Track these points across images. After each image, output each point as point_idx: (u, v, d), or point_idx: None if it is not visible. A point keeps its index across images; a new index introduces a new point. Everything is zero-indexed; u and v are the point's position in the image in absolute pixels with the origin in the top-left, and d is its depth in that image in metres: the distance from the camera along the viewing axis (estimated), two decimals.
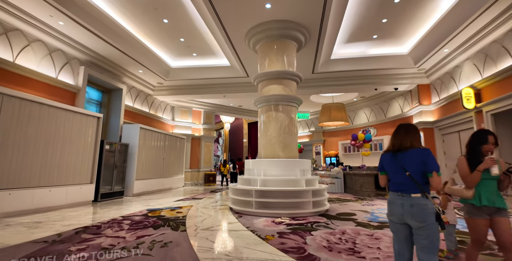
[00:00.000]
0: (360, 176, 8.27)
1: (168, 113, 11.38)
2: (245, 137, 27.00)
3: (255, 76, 5.88)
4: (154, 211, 5.23)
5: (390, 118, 10.65)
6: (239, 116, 14.22)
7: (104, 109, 8.31)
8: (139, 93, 9.40)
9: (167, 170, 9.70)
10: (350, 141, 8.63)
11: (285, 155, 5.33)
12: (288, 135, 5.45)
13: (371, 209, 5.71)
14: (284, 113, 5.52)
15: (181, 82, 9.47)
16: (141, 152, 8.17)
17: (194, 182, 11.96)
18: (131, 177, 7.78)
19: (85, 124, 6.26)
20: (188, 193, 8.57)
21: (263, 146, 5.54)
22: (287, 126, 5.48)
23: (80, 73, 6.88)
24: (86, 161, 6.20)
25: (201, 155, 12.27)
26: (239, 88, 9.52)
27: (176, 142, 10.49)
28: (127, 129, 8.13)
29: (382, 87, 9.31)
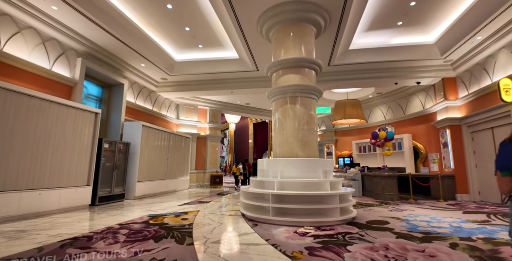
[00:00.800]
0: (382, 178, 7.55)
1: (172, 111, 10.81)
2: (250, 138, 26.42)
3: (269, 65, 5.23)
4: (157, 217, 4.60)
5: (410, 116, 9.90)
6: (246, 115, 13.60)
7: (104, 106, 7.75)
8: (141, 89, 8.83)
9: (171, 171, 9.10)
10: (370, 140, 7.92)
11: (304, 154, 4.66)
12: (307, 132, 4.78)
13: (402, 215, 5.00)
14: (303, 107, 4.86)
15: (186, 77, 8.88)
16: (144, 152, 7.58)
17: (200, 183, 11.35)
18: (133, 179, 7.19)
19: (82, 120, 5.68)
20: (194, 196, 7.94)
21: (279, 144, 4.88)
22: (306, 121, 4.81)
23: (77, 65, 6.33)
24: (82, 161, 5.62)
25: (207, 156, 11.65)
26: (247, 83, 8.88)
27: (181, 141, 9.89)
28: (129, 127, 7.55)
29: (403, 81, 8.59)
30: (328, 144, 13.26)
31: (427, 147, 9.25)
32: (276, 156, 4.94)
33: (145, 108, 8.86)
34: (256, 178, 4.93)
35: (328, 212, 4.16)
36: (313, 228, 3.77)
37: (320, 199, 4.32)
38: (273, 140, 5.09)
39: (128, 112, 8.11)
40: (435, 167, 8.81)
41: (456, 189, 7.79)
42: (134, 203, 6.49)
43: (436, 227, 4.06)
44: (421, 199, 7.83)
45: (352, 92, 10.62)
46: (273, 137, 5.11)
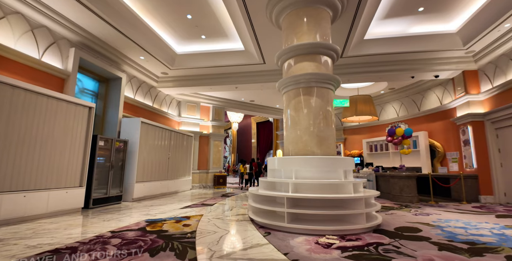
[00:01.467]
0: (400, 179, 6.97)
1: (174, 108, 10.30)
2: (253, 137, 25.94)
3: (280, 53, 4.69)
4: (155, 223, 4.08)
5: (426, 112, 9.31)
6: (250, 113, 13.06)
7: (101, 101, 7.25)
8: (141, 84, 8.33)
9: (172, 171, 8.59)
10: (386, 137, 7.35)
11: (321, 151, 4.12)
12: (324, 127, 4.23)
13: (431, 221, 4.44)
14: (319, 98, 4.31)
15: (188, 71, 8.37)
16: (143, 151, 7.07)
17: (203, 184, 10.82)
18: (131, 179, 6.67)
19: (74, 115, 5.17)
20: (197, 198, 7.41)
21: (292, 141, 4.33)
22: (323, 115, 4.26)
23: (70, 56, 5.83)
24: (74, 160, 5.11)
25: (210, 155, 11.13)
26: (253, 78, 8.34)
27: (182, 140, 9.37)
28: (127, 124, 7.05)
29: (420, 75, 8.00)
30: (336, 143, 12.66)
31: (445, 145, 8.65)
32: (288, 155, 4.39)
33: (145, 104, 8.35)
34: (266, 178, 4.39)
35: (351, 219, 3.61)
36: (336, 237, 3.22)
37: (342, 203, 3.77)
38: (285, 137, 4.54)
39: (127, 108, 7.61)
40: (454, 166, 8.22)
41: (479, 190, 7.20)
42: (131, 205, 5.97)
43: (477, 235, 3.50)
44: (441, 201, 7.25)
45: (363, 88, 10.04)
46: (285, 134, 4.57)
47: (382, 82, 9.53)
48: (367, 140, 11.24)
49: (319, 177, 3.90)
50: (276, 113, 13.37)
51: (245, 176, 11.32)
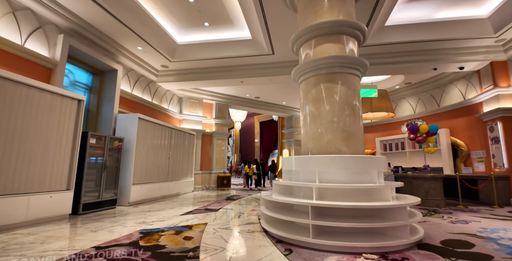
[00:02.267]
0: (425, 181, 6.28)
1: (174, 105, 9.66)
2: (256, 137, 25.33)
3: (297, 35, 4.02)
4: (151, 234, 3.43)
5: (447, 108, 8.60)
6: (255, 110, 12.41)
7: (95, 95, 6.63)
8: (139, 78, 7.70)
9: (173, 172, 7.95)
10: (408, 135, 6.66)
11: (349, 149, 3.45)
12: (352, 120, 3.57)
13: (476, 230, 3.77)
14: (345, 86, 3.64)
15: (190, 64, 7.73)
16: (140, 149, 6.44)
17: (206, 186, 10.18)
18: (127, 181, 6.04)
19: (60, 108, 4.55)
20: (199, 201, 6.77)
21: (312, 138, 3.67)
22: (350, 106, 3.60)
23: (58, 43, 5.21)
24: (60, 160, 4.48)
25: (213, 155, 10.49)
26: (260, 71, 7.69)
27: (184, 138, 8.74)
28: (123, 120, 6.42)
29: (443, 66, 7.32)
30: None
31: (469, 143, 7.95)
32: (307, 153, 3.73)
33: (143, 99, 7.72)
34: (282, 182, 3.73)
35: (391, 232, 2.94)
36: (377, 257, 2.55)
37: (377, 212, 3.11)
38: (303, 133, 3.88)
39: (123, 103, 6.98)
40: (480, 166, 7.52)
41: (511, 192, 6.51)
42: (127, 211, 5.34)
43: None
44: (469, 204, 6.56)
45: (376, 83, 9.35)
46: (303, 129, 3.90)
47: (398, 76, 8.85)
48: (381, 138, 10.55)
49: (348, 180, 3.24)
50: (282, 111, 12.71)
51: (254, 176, 11.31)
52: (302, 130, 3.93)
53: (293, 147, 13.14)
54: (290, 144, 13.38)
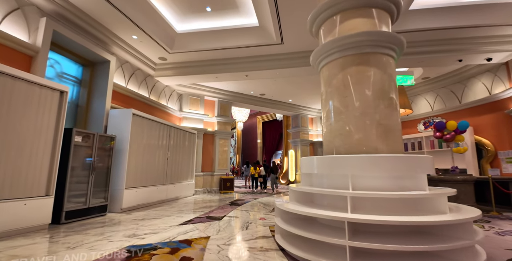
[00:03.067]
0: (454, 184, 5.58)
1: (174, 101, 9.01)
2: (259, 138, 24.71)
3: (317, 10, 3.35)
4: (140, 253, 2.76)
5: (469, 104, 7.91)
6: (260, 108, 11.74)
7: (85, 89, 5.98)
8: (135, 71, 7.05)
9: (172, 174, 7.28)
10: (434, 133, 5.97)
11: (388, 148, 2.78)
12: (389, 111, 2.90)
13: None
14: (380, 70, 2.97)
15: (190, 56, 7.08)
16: (135, 149, 5.78)
17: (207, 188, 9.50)
18: (119, 185, 5.38)
19: (38, 100, 3.89)
20: (200, 207, 6.09)
21: (339, 133, 3.00)
22: (386, 94, 2.92)
23: (40, 27, 4.56)
24: (38, 161, 3.83)
25: (215, 155, 9.82)
26: (267, 63, 7.02)
27: (184, 137, 8.08)
28: (115, 117, 5.77)
29: (468, 57, 6.62)
30: None
31: (496, 142, 7.24)
32: (332, 153, 3.05)
33: (140, 95, 7.07)
34: (301, 188, 3.05)
35: (450, 254, 2.25)
36: None
37: (431, 228, 2.42)
38: (327, 128, 3.21)
39: (117, 98, 6.33)
40: (509, 168, 6.82)
41: None
42: (118, 218, 4.67)
43: None
44: (502, 210, 5.86)
45: None
46: (326, 123, 3.23)
47: (415, 69, 8.16)
48: None
49: (388, 187, 2.56)
50: (288, 109, 12.03)
51: (260, 179, 11.23)
52: (325, 126, 3.25)
53: (299, 147, 12.45)
54: (296, 144, 12.70)
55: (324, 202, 2.92)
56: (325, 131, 3.23)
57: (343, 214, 2.29)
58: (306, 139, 12.63)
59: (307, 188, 2.95)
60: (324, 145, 3.23)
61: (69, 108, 5.76)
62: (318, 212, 2.45)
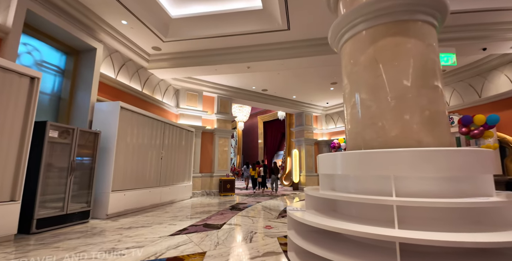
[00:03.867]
0: None
1: (170, 97, 8.38)
2: (260, 138, 24.12)
3: None
4: None
5: (491, 98, 7.26)
6: (261, 105, 11.10)
7: (68, 80, 5.35)
8: (126, 62, 6.42)
9: (167, 175, 6.64)
10: (459, 129, 5.35)
11: (435, 140, 2.15)
12: (435, 94, 2.28)
13: None
14: (421, 41, 2.36)
15: (187, 45, 6.45)
16: (123, 147, 5.14)
17: (206, 191, 8.85)
18: (104, 188, 4.73)
19: (2, 87, 3.26)
20: (197, 212, 5.44)
21: (371, 122, 2.38)
22: (431, 72, 2.29)
23: (12, 5, 3.95)
24: (1, 159, 3.19)
25: (214, 155, 9.17)
26: (271, 53, 6.38)
27: (181, 135, 7.44)
28: (101, 110, 5.13)
29: (493, 46, 5.98)
30: None
31: None
32: (360, 148, 2.41)
33: (131, 88, 6.43)
34: (320, 192, 2.40)
35: None
36: None
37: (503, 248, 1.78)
38: (352, 117, 2.57)
39: (105, 90, 5.70)
40: None
41: None
42: (101, 227, 4.02)
43: None
44: None
45: None
46: (350, 113, 2.59)
47: None
48: None
49: (444, 192, 1.91)
50: (292, 106, 11.40)
51: (259, 179, 10.91)
52: (349, 114, 2.61)
53: (303, 146, 11.81)
54: (300, 143, 12.05)
55: (352, 212, 2.28)
56: (350, 121, 2.59)
57: (391, 231, 1.65)
58: (311, 138, 11.99)
59: (329, 193, 2.31)
60: (349, 139, 2.59)
61: (51, 101, 5.15)
62: (355, 228, 1.79)
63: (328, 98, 10.99)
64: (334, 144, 10.04)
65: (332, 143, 10.28)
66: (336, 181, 2.47)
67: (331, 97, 10.74)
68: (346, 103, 2.68)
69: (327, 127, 12.65)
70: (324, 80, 8.65)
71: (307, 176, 11.49)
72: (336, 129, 12.14)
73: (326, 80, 8.70)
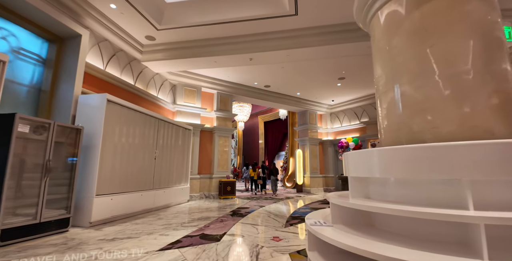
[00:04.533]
0: None
1: (166, 93, 7.81)
2: (261, 138, 23.59)
3: None
4: None
5: None
6: (263, 103, 10.53)
7: (50, 70, 4.78)
8: (116, 52, 5.86)
9: (162, 177, 6.06)
10: None
11: (507, 130, 1.55)
12: (505, 69, 1.67)
13: None
14: (483, 3, 1.76)
15: (183, 34, 5.88)
16: (110, 145, 4.56)
17: (205, 193, 8.27)
18: (88, 191, 4.15)
19: None
20: (194, 218, 4.86)
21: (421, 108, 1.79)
22: (497, 42, 1.71)
23: None
24: None
25: (214, 155, 8.59)
26: (277, 42, 5.82)
27: (177, 134, 6.87)
28: (86, 104, 4.55)
29: None
30: (374, 139, 10.07)
31: None
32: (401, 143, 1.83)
33: (122, 81, 5.86)
34: (350, 201, 1.83)
35: None
36: None
37: None
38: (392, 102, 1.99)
39: (92, 83, 5.14)
40: None
41: None
42: (81, 237, 3.44)
43: None
44: None
45: None
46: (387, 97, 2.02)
47: None
48: None
49: None
50: (296, 104, 10.83)
51: (259, 181, 10.64)
52: (388, 99, 2.04)
53: (307, 146, 11.23)
54: (304, 143, 11.47)
55: (400, 228, 1.70)
56: (387, 109, 2.01)
57: None
58: (315, 138, 11.42)
59: (360, 202, 1.73)
60: (388, 130, 2.02)
61: (30, 93, 4.57)
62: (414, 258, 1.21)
63: (334, 95, 10.43)
64: (341, 143, 9.46)
65: (339, 142, 9.70)
66: (372, 186, 1.90)
67: (337, 94, 10.18)
68: (381, 86, 2.11)
69: (332, 126, 12.08)
70: (331, 75, 8.09)
71: (311, 177, 10.91)
72: (342, 128, 11.57)
73: (333, 75, 8.13)
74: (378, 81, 2.20)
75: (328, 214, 2.25)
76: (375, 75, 2.24)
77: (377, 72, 2.24)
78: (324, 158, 11.81)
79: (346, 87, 9.23)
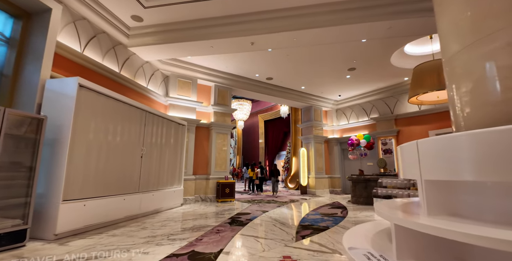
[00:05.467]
0: None
1: (157, 84, 7.04)
2: (261, 138, 22.93)
3: None
4: None
5: None
6: (265, 97, 9.75)
7: (13, 51, 4.00)
8: (97, 34, 5.08)
9: (150, 177, 5.28)
10: None
11: None
12: None
13: None
14: None
15: (175, 13, 5.11)
16: (83, 140, 3.78)
17: (201, 196, 7.49)
18: (52, 196, 3.36)
19: None
20: (186, 227, 4.08)
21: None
22: None
23: None
24: None
25: (211, 154, 7.81)
26: (281, 23, 5.05)
27: (169, 129, 6.10)
28: (54, 91, 3.77)
29: None
30: (384, 137, 9.31)
31: None
32: (491, 123, 1.05)
33: (104, 66, 5.08)
34: (429, 223, 1.06)
35: None
36: None
37: None
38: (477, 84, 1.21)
39: (65, 67, 4.36)
40: None
41: None
42: (38, 255, 2.66)
43: None
44: None
45: (438, 53, 6.74)
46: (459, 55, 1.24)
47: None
48: (437, 131, 7.87)
49: None
50: (300, 99, 10.06)
51: (256, 181, 10.70)
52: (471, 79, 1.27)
53: (312, 145, 10.46)
54: (308, 141, 10.71)
55: None
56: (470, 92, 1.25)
57: None
58: (321, 136, 10.65)
59: (445, 226, 0.96)
60: (470, 114, 1.25)
61: None
62: None
63: (342, 90, 9.66)
64: (352, 141, 8.70)
65: (349, 139, 8.94)
66: (463, 196, 1.14)
67: (345, 88, 9.42)
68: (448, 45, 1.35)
69: (338, 123, 11.32)
70: (340, 64, 7.33)
71: (316, 178, 10.14)
72: (349, 125, 10.80)
73: (343, 65, 7.37)
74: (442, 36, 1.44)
75: (375, 236, 1.49)
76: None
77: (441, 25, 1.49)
78: (330, 158, 11.06)
79: (356, 79, 8.47)
